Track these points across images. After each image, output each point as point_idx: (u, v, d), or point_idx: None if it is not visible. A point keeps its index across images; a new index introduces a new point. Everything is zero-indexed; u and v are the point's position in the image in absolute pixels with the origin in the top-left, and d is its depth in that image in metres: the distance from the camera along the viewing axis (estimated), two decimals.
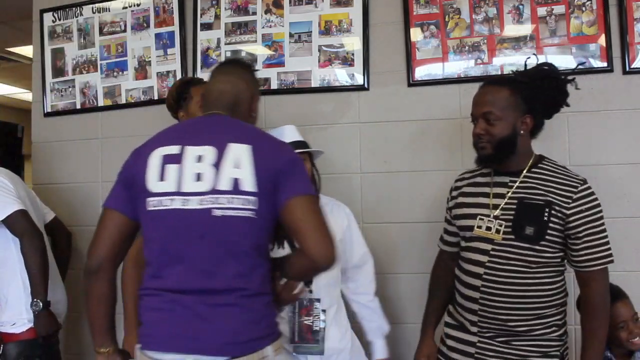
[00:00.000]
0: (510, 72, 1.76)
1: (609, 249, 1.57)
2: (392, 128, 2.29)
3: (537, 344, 1.58)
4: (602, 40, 2.10)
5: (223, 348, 1.23)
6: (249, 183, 1.26)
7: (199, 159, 1.29)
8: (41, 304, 1.94)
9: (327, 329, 1.76)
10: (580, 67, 1.97)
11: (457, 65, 2.23)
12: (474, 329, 1.63)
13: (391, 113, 2.29)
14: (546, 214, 1.54)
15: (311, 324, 1.74)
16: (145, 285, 1.33)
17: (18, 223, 1.97)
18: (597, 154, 2.10)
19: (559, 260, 1.60)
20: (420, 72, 2.26)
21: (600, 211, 1.57)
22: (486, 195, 1.66)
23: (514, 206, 1.59)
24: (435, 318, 1.84)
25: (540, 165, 1.64)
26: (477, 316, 1.62)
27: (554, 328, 1.60)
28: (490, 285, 1.58)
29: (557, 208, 1.54)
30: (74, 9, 2.67)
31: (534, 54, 1.82)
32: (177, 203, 1.27)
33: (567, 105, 1.70)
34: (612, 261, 1.57)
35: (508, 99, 1.59)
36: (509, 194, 1.61)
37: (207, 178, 1.27)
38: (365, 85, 2.31)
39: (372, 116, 2.31)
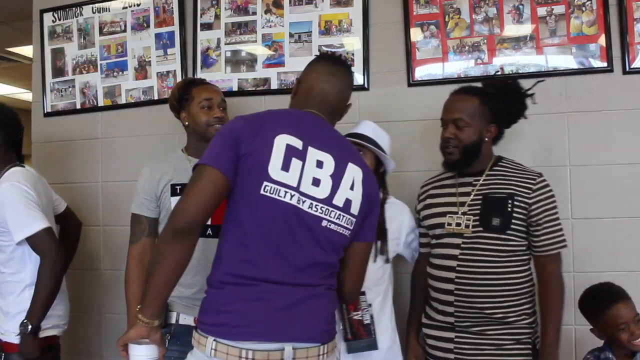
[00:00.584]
0: (500, 72, 1.93)
1: (564, 234, 1.76)
2: (392, 128, 2.28)
3: (510, 332, 1.69)
4: (602, 40, 2.10)
5: (317, 335, 1.32)
6: (356, 206, 1.37)
7: (319, 164, 1.32)
8: (29, 328, 1.88)
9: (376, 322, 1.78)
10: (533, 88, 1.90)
11: (457, 65, 2.23)
12: (450, 320, 1.72)
13: (391, 113, 2.29)
14: (510, 205, 1.69)
15: (361, 318, 1.75)
16: (234, 270, 1.29)
17: (42, 242, 1.92)
18: (597, 154, 2.10)
19: (524, 248, 1.74)
20: (420, 72, 2.26)
21: (555, 200, 1.75)
22: (452, 195, 1.81)
23: (480, 201, 1.74)
24: (416, 320, 1.92)
25: (499, 164, 1.81)
26: (453, 307, 1.71)
27: (524, 316, 1.71)
28: (464, 277, 1.70)
29: (519, 199, 1.70)
30: (74, 9, 2.67)
31: (498, 70, 2.06)
32: (293, 199, 1.29)
33: (525, 118, 1.84)
34: (566, 246, 1.75)
35: (477, 107, 1.75)
36: (474, 192, 1.76)
37: (324, 187, 1.32)
38: (365, 85, 2.31)
39: (372, 116, 2.30)
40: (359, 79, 2.31)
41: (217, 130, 1.98)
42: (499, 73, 2.10)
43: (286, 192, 1.28)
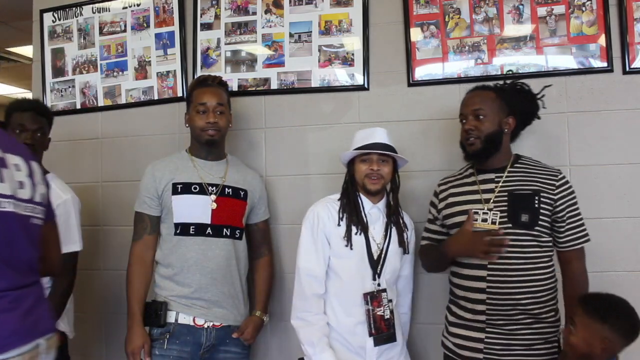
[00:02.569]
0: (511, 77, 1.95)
1: (586, 229, 1.78)
2: (392, 128, 2.28)
3: (539, 331, 1.70)
4: (602, 40, 2.10)
5: (53, 326, 1.45)
6: (45, 197, 1.46)
7: (17, 167, 1.38)
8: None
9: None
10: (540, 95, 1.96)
11: (457, 65, 2.23)
12: (481, 318, 1.72)
13: (391, 113, 2.29)
14: (536, 201, 1.72)
15: (383, 313, 1.81)
16: None
17: (70, 264, 2.05)
18: (597, 154, 2.10)
19: (550, 244, 1.77)
20: (420, 72, 2.26)
21: (576, 196, 1.78)
22: (475, 192, 1.81)
23: (505, 198, 1.75)
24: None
25: (520, 161, 1.83)
26: (485, 305, 1.71)
27: (552, 313, 1.74)
28: (496, 274, 1.70)
29: (544, 195, 1.73)
30: (74, 9, 2.67)
31: (510, 70, 2.06)
32: (12, 206, 1.33)
33: (538, 118, 1.92)
34: (589, 239, 1.78)
35: (494, 100, 1.80)
36: (498, 188, 1.77)
37: (27, 188, 1.39)
38: (365, 85, 2.31)
39: (372, 116, 2.31)
40: (359, 79, 2.31)
41: (210, 135, 2.00)
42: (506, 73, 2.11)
43: (7, 202, 1.31)
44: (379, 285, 1.84)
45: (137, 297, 1.95)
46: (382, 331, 1.82)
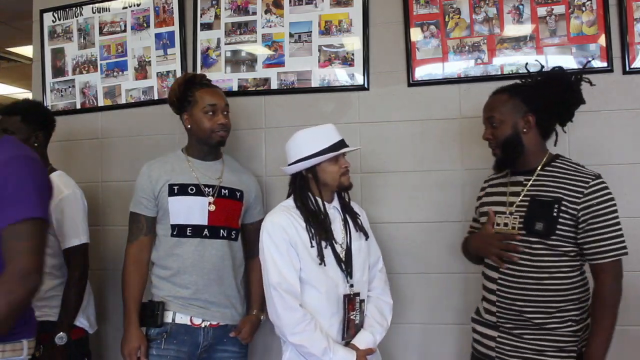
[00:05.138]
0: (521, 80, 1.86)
1: (622, 242, 1.63)
2: (392, 128, 2.29)
3: (552, 339, 1.63)
4: (602, 40, 2.10)
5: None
6: None
7: None
8: (66, 339, 1.99)
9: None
10: (587, 66, 2.00)
11: (457, 65, 2.23)
12: (493, 319, 1.72)
13: (391, 113, 2.29)
14: (555, 210, 1.61)
15: (354, 318, 1.78)
16: None
17: (78, 257, 2.06)
18: (597, 154, 2.10)
19: (573, 255, 1.65)
20: (420, 72, 2.26)
21: (613, 205, 1.63)
22: (503, 194, 1.78)
23: (527, 203, 1.68)
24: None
25: (553, 163, 1.72)
26: (496, 307, 1.71)
27: (569, 323, 1.64)
28: (505, 278, 1.69)
29: (566, 204, 1.61)
30: (74, 9, 2.67)
31: (536, 60, 1.91)
32: None
33: (583, 103, 1.77)
34: (624, 254, 1.63)
35: (506, 102, 1.72)
36: (524, 192, 1.71)
37: None
38: (365, 85, 2.31)
39: (372, 116, 2.31)
40: (359, 79, 2.31)
41: (221, 136, 1.99)
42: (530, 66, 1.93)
43: None
44: (351, 286, 1.78)
45: (133, 298, 1.95)
46: (352, 336, 1.78)
